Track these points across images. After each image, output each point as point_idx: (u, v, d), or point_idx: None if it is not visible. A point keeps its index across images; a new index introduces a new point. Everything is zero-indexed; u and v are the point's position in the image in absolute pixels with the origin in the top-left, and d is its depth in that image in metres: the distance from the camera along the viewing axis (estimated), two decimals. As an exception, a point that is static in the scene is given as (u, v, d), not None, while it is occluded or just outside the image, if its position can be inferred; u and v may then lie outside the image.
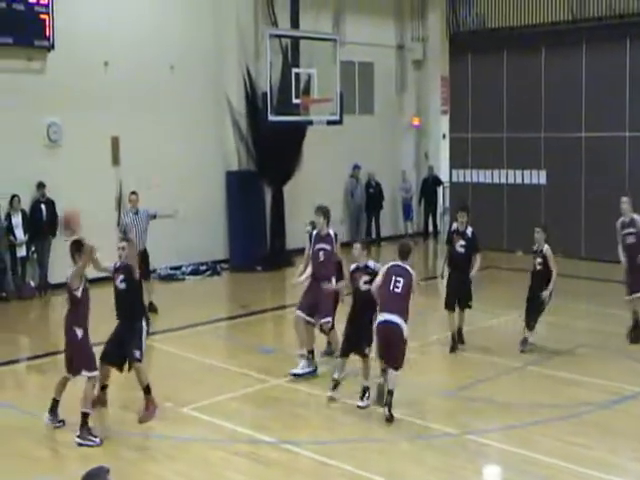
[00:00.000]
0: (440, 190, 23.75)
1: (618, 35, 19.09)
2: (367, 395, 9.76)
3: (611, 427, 9.17)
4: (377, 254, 21.90)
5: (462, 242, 12.05)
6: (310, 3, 19.56)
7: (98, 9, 17.02)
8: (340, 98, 18.22)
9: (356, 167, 21.92)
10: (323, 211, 10.96)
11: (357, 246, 9.95)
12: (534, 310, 11.92)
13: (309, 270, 10.99)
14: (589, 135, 19.56)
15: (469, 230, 12.10)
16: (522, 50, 20.81)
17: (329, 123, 18.31)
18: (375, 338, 9.50)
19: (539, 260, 11.91)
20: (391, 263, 9.62)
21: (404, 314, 9.26)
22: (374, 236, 22.43)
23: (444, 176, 23.30)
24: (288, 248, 19.66)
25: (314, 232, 11.02)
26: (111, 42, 17.06)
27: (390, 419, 9.19)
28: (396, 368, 9.33)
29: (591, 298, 15.63)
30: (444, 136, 23.59)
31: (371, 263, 9.92)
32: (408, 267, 9.53)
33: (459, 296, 12.16)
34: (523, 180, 20.72)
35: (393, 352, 9.36)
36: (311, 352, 10.93)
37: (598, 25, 19.57)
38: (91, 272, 9.22)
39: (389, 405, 9.24)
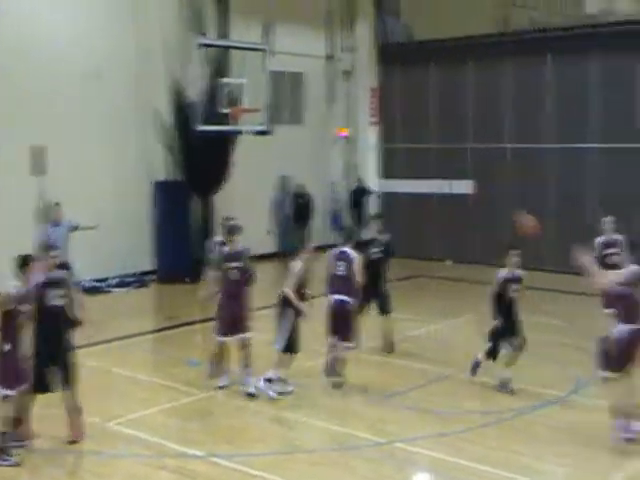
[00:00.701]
0: (369, 200, 23.81)
1: (540, 48, 19.50)
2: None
3: (536, 432, 9.27)
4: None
5: (376, 249, 12.25)
6: (239, 12, 19.47)
7: (20, 17, 16.61)
8: (269, 108, 18.14)
9: (285, 178, 21.85)
10: (228, 228, 10.75)
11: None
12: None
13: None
14: (514, 146, 19.92)
15: (385, 237, 12.36)
16: (449, 62, 21.11)
17: (258, 133, 18.19)
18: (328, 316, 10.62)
19: (515, 287, 10.48)
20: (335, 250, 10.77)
21: (351, 293, 10.52)
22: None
23: (373, 186, 23.40)
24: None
25: (225, 249, 10.66)
26: (33, 51, 16.65)
27: (340, 385, 10.53)
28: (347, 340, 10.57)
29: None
30: (373, 146, 23.71)
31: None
32: (349, 252, 10.67)
33: (380, 302, 12.26)
34: (451, 190, 20.97)
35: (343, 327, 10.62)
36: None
37: (522, 39, 19.98)
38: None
39: (339, 374, 10.62)
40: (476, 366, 10.76)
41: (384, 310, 12.37)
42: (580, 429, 9.34)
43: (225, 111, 17.41)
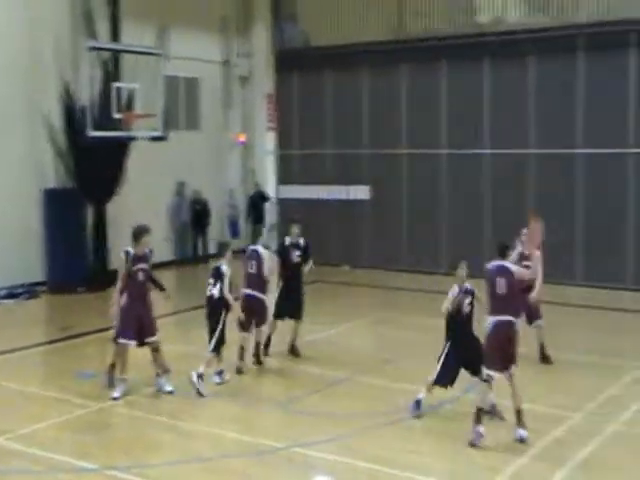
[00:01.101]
0: (267, 206, 23.77)
1: (437, 56, 19.90)
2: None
3: (431, 431, 9.42)
4: (205, 271, 21.69)
5: (298, 252, 12.37)
6: (133, 15, 19.13)
7: None
8: (164, 114, 17.92)
9: (181, 184, 21.57)
10: (133, 231, 10.74)
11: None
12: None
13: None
14: (410, 152, 20.25)
15: (302, 240, 12.50)
16: (345, 68, 21.29)
17: (153, 139, 17.95)
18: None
19: (468, 300, 9.57)
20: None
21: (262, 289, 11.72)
22: (200, 253, 22.16)
23: (271, 192, 23.39)
24: (112, 267, 19.04)
25: (132, 251, 10.61)
26: None
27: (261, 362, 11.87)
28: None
29: (415, 309, 16.06)
30: (271, 152, 23.69)
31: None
32: (260, 250, 11.75)
33: (294, 306, 12.35)
34: (348, 195, 21.13)
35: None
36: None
37: (418, 46, 20.33)
38: None
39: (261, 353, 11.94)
40: (417, 405, 9.78)
41: (297, 315, 12.41)
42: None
43: (118, 116, 17.10)
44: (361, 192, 20.95)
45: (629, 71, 17.44)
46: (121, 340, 10.58)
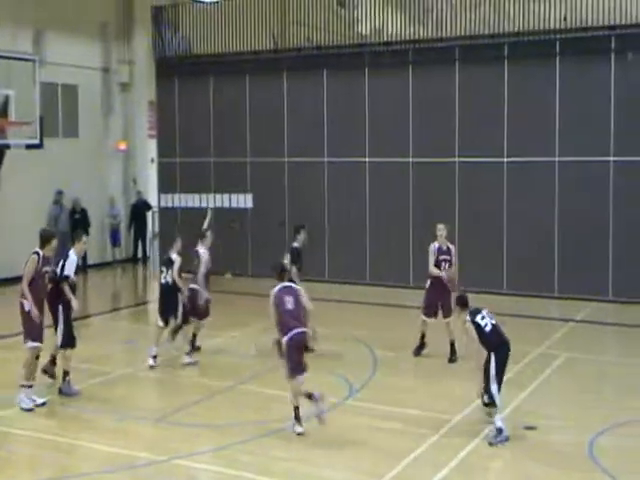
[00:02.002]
0: (149, 215, 23.45)
1: (316, 65, 20.10)
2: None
3: (316, 439, 9.43)
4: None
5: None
6: (6, 20, 18.54)
7: None
8: (40, 121, 17.43)
9: (59, 192, 20.97)
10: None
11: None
12: None
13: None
14: (292, 160, 20.36)
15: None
16: (227, 77, 21.23)
17: (29, 147, 17.44)
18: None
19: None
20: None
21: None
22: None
23: (153, 201, 23.06)
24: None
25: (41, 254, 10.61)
26: None
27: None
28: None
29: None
30: (152, 160, 23.38)
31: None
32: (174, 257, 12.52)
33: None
34: (230, 203, 21.04)
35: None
36: None
37: (298, 55, 20.50)
38: None
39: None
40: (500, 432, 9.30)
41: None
42: (356, 433, 9.66)
43: (-9, 123, 16.56)
44: (244, 200, 20.91)
45: (504, 82, 18.06)
46: (34, 344, 10.50)
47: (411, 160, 19.04)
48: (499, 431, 9.18)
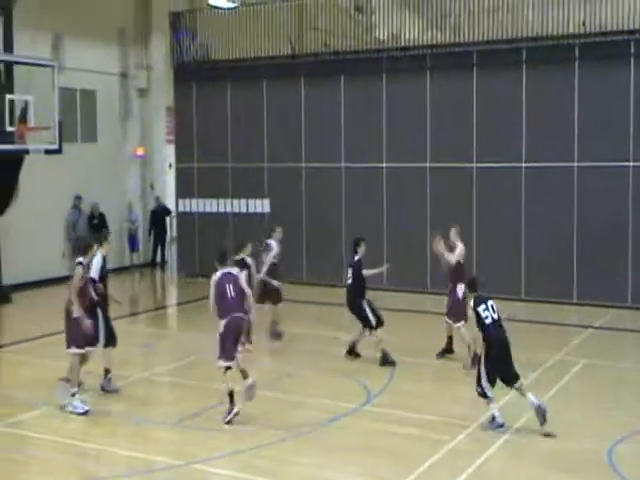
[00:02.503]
0: (168, 220, 23.53)
1: (333, 70, 20.11)
2: None
3: (331, 444, 9.45)
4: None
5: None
6: (26, 26, 18.66)
7: None
8: (59, 126, 17.53)
9: (78, 198, 21.07)
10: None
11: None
12: None
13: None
14: (309, 165, 20.38)
15: None
16: (245, 82, 21.27)
17: (48, 152, 17.53)
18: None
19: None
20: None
21: None
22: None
23: (171, 206, 23.14)
24: (5, 284, 18.50)
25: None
26: None
27: None
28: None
29: (318, 323, 16.14)
30: (170, 166, 23.46)
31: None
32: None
33: None
34: (248, 209, 21.08)
35: None
36: None
37: (315, 61, 20.52)
38: None
39: None
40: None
41: None
42: (373, 438, 9.63)
43: (11, 129, 16.66)
44: (261, 205, 20.94)
45: (522, 87, 18.00)
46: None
47: (428, 165, 19.00)
48: (493, 418, 9.79)
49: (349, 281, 13.06)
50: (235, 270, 10.50)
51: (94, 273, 11.03)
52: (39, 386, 11.53)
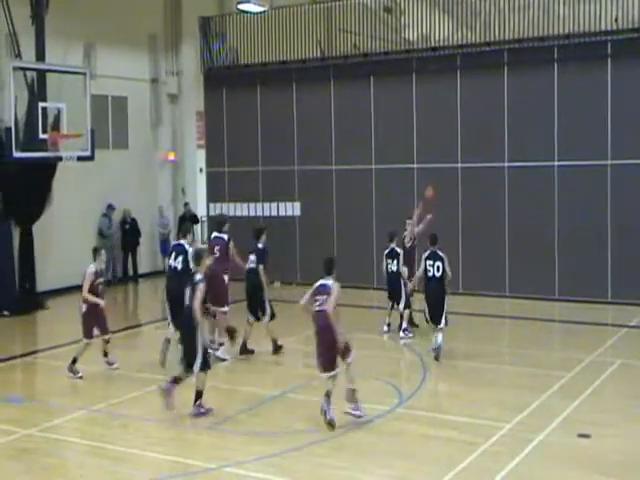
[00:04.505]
0: (196, 228, 23.55)
1: (363, 73, 20.08)
2: None
3: (363, 447, 9.41)
4: (135, 291, 21.46)
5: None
6: (58, 34, 18.86)
7: None
8: (91, 133, 17.70)
9: (110, 207, 21.22)
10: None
11: None
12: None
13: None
14: (339, 168, 20.36)
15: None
16: (274, 86, 21.34)
17: (80, 159, 17.70)
18: None
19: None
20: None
21: None
22: (131, 273, 21.88)
23: (201, 210, 23.23)
24: (39, 290, 18.70)
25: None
26: None
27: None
28: None
29: (350, 325, 16.01)
30: (201, 170, 23.56)
31: None
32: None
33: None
34: (278, 212, 21.12)
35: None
36: None
37: (345, 63, 20.51)
38: None
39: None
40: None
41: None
42: (406, 440, 9.58)
43: (44, 137, 16.86)
44: (292, 208, 20.96)
45: (553, 86, 17.84)
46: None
47: (460, 166, 18.90)
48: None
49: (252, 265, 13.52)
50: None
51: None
52: (74, 391, 11.66)
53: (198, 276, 10.37)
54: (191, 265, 11.05)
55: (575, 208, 17.71)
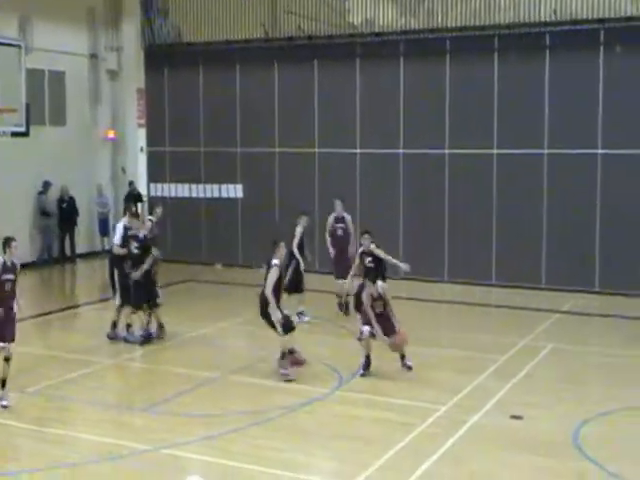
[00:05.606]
0: (139, 206, 23.28)
1: (307, 55, 20.03)
2: None
3: (303, 429, 9.50)
4: (72, 272, 21.13)
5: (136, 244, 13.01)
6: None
7: None
8: (26, 108, 17.31)
9: (47, 183, 20.80)
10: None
11: None
12: None
13: None
14: (282, 150, 20.31)
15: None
16: (218, 65, 21.14)
17: (14, 135, 17.31)
18: None
19: (369, 259, 13.50)
20: None
21: None
22: (69, 253, 21.52)
23: (142, 190, 22.95)
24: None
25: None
26: None
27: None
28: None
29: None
30: (142, 149, 23.24)
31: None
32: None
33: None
34: (220, 194, 20.99)
35: None
36: None
37: (289, 45, 20.41)
38: None
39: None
40: None
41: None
42: (343, 422, 9.68)
43: (-23, 111, 16.45)
44: (234, 190, 20.86)
45: (493, 74, 18.06)
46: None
47: (401, 152, 19.02)
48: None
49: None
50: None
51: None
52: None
53: (275, 260, 11.05)
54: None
55: (513, 195, 17.98)
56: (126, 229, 13.16)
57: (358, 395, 10.67)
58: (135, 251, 12.87)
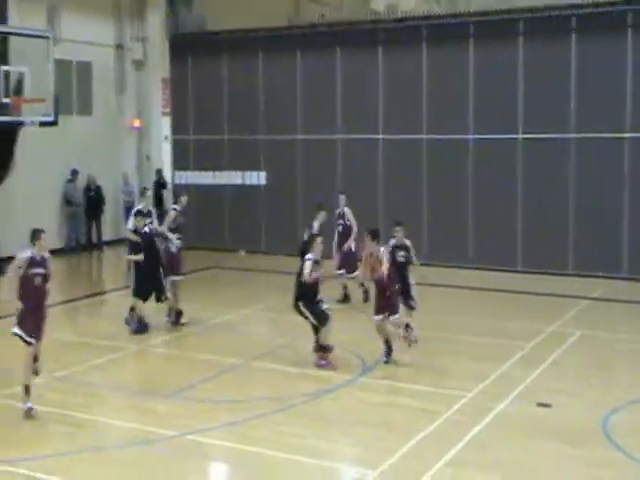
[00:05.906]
0: (165, 194, 23.40)
1: (329, 42, 19.99)
2: None
3: (326, 415, 9.53)
4: (98, 259, 21.32)
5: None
6: (20, -2, 18.49)
7: None
8: (55, 98, 17.41)
9: (74, 172, 21.02)
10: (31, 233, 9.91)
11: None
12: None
13: None
14: (304, 137, 20.30)
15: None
16: (241, 54, 21.18)
17: (43, 124, 17.43)
18: None
19: (402, 253, 12.20)
20: None
21: None
22: (95, 240, 21.70)
23: (167, 178, 23.05)
24: (2, 256, 18.46)
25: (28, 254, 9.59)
26: None
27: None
28: None
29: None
30: (166, 138, 23.33)
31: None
32: None
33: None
34: (243, 181, 21.06)
35: None
36: None
37: (311, 32, 20.39)
38: None
39: None
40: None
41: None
42: (367, 409, 9.68)
43: (5, 101, 16.55)
44: (257, 177, 20.92)
45: (518, 58, 17.92)
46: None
47: (425, 137, 18.96)
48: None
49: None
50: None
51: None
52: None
53: (309, 255, 11.05)
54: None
55: (539, 181, 17.87)
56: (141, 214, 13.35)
57: (382, 382, 10.68)
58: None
